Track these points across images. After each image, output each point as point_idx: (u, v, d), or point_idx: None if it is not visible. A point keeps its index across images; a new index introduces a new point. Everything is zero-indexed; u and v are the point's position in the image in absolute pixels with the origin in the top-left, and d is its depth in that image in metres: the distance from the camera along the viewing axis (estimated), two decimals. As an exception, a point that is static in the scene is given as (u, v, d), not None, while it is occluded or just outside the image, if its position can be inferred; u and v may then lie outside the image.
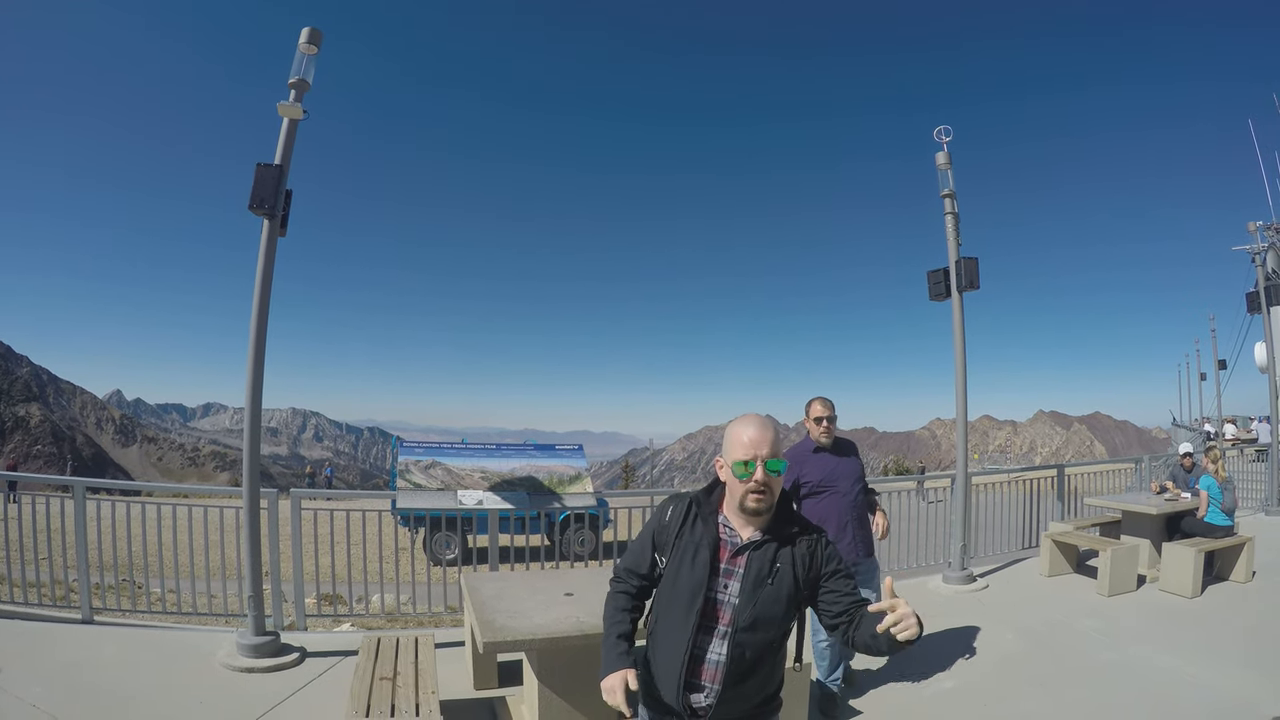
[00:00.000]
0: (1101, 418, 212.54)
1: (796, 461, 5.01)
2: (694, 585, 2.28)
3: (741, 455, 2.25)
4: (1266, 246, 15.38)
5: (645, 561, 2.46)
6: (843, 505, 4.97)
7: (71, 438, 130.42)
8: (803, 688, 4.49)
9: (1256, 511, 12.40)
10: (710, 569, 2.29)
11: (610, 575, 2.60)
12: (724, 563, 2.31)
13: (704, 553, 2.30)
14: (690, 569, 2.30)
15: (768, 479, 2.24)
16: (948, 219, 8.16)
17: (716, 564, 2.30)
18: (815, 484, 5.00)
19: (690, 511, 2.39)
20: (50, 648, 5.52)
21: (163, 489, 8.42)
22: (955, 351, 8.27)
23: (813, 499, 4.98)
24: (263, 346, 5.61)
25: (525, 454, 11.85)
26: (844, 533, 4.91)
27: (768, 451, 2.25)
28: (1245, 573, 8.03)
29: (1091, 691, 5.25)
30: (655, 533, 2.44)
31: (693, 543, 2.33)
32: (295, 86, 5.58)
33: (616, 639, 2.39)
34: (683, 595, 2.29)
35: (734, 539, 2.33)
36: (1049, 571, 8.53)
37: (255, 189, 5.40)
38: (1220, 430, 25.43)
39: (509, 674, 5.16)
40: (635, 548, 2.52)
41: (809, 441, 5.19)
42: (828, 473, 5.02)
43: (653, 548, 2.44)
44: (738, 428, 2.31)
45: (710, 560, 2.29)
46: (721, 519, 2.37)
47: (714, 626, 2.29)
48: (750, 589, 2.25)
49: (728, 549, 2.32)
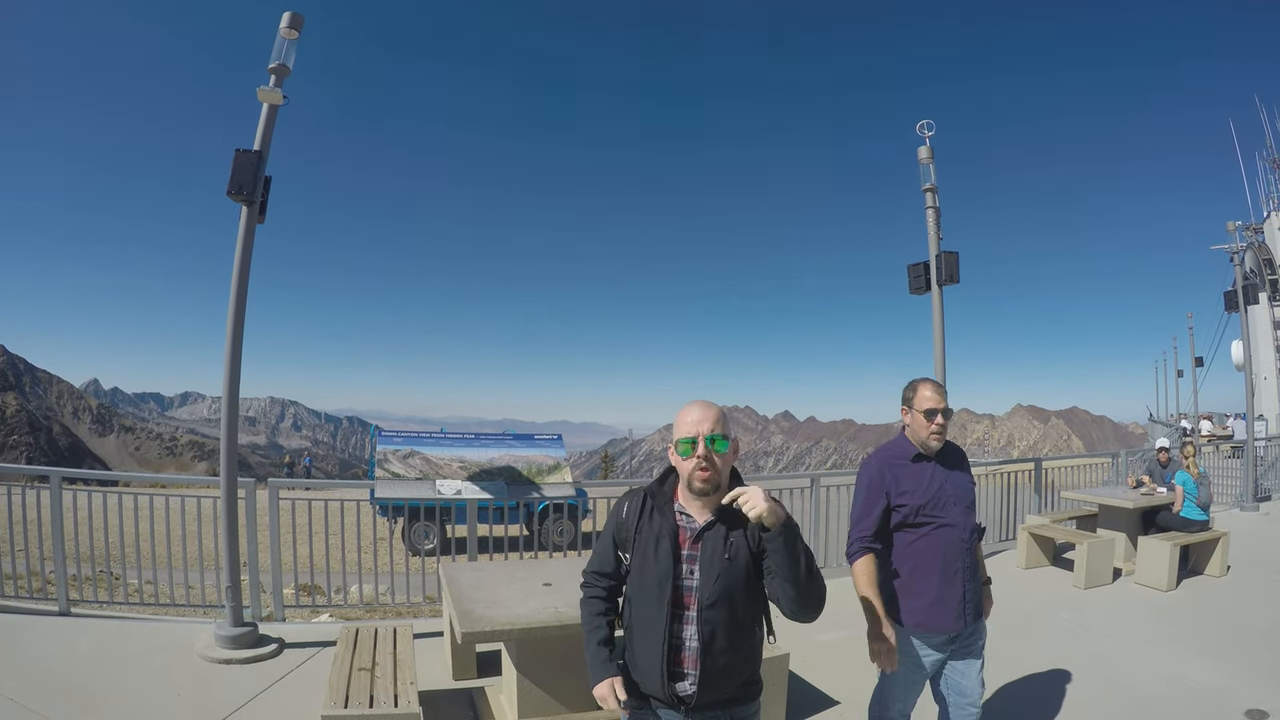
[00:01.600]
0: (1079, 412, 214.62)
1: (886, 471, 3.37)
2: (660, 576, 2.31)
3: (685, 434, 2.31)
4: (1245, 246, 15.58)
5: (609, 561, 2.51)
6: (953, 544, 3.30)
7: (48, 427, 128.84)
8: (781, 675, 4.52)
9: (1232, 507, 12.58)
10: (673, 558, 2.32)
11: (581, 580, 2.64)
12: (685, 549, 2.35)
13: (665, 542, 2.33)
14: (654, 561, 2.33)
15: (709, 453, 2.28)
16: (929, 213, 8.19)
17: (679, 552, 2.34)
18: (917, 509, 3.30)
19: (645, 504, 2.43)
20: (27, 640, 5.47)
21: (140, 479, 8.35)
22: (935, 345, 8.32)
23: (910, 532, 3.32)
24: (240, 335, 5.56)
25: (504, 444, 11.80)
26: (951, 585, 3.29)
27: (709, 428, 2.30)
28: (1220, 567, 8.14)
29: (1067, 683, 5.31)
30: (615, 531, 2.48)
31: (653, 534, 2.36)
32: (275, 72, 5.51)
33: (598, 646, 2.46)
34: (651, 587, 2.33)
35: (691, 525, 2.37)
36: (1026, 564, 8.62)
37: (234, 175, 5.33)
38: (1196, 427, 25.73)
39: (488, 664, 5.16)
40: (599, 549, 2.56)
41: (904, 443, 3.47)
42: (935, 492, 3.32)
43: (614, 545, 2.49)
44: (682, 411, 2.37)
45: (672, 549, 2.33)
46: (677, 507, 2.40)
47: (686, 613, 2.32)
48: (710, 568, 2.29)
49: (687, 535, 2.36)
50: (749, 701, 2.46)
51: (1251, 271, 15.57)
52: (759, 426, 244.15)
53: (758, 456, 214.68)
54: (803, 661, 5.25)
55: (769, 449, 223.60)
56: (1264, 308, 25.05)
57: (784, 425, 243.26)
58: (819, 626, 6.09)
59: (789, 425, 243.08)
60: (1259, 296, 13.75)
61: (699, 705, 2.34)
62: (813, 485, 8.32)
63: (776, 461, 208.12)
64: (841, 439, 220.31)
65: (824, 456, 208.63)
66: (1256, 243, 25.70)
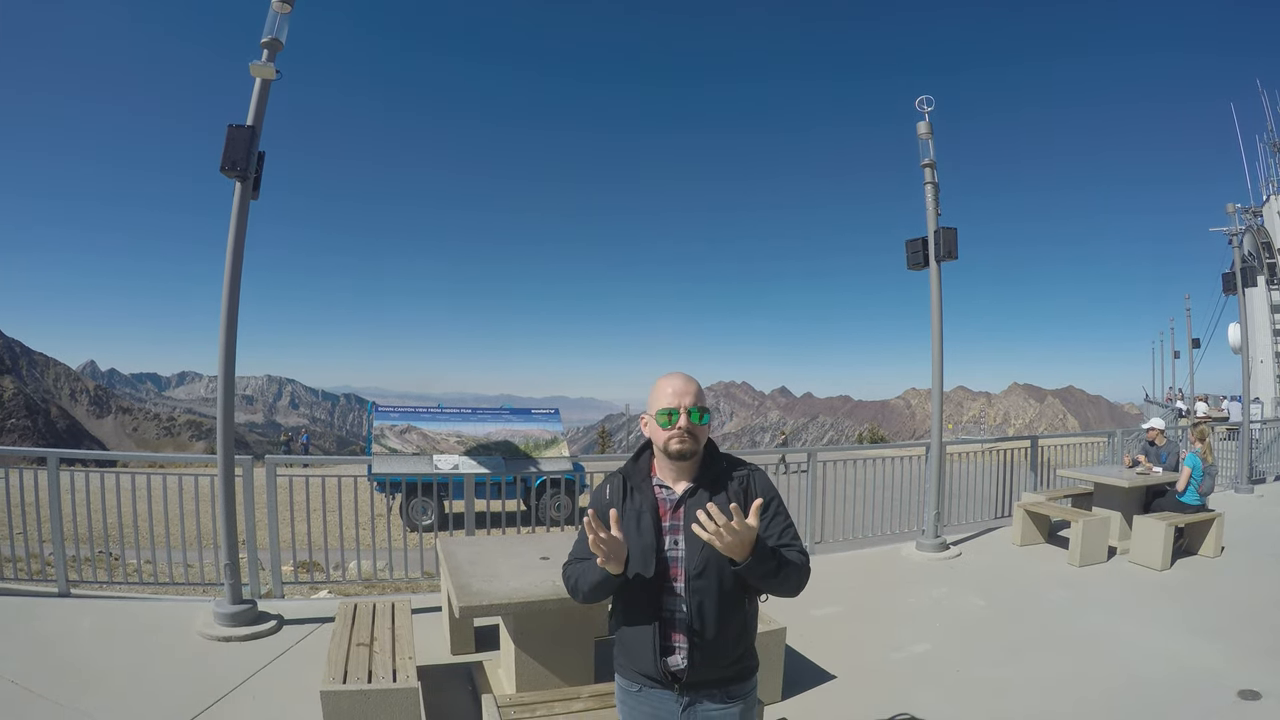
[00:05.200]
0: (1075, 392, 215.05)
1: None
2: (644, 549, 2.30)
3: (666, 404, 2.29)
4: (1244, 229, 15.53)
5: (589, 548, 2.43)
6: None
7: (45, 410, 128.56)
8: (778, 650, 4.55)
9: (1227, 489, 12.62)
10: (655, 530, 2.32)
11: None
12: (667, 520, 2.35)
13: (646, 517, 2.33)
14: (637, 535, 2.32)
15: (691, 426, 2.28)
16: (927, 189, 8.16)
17: (660, 524, 2.34)
18: None
19: (625, 484, 2.42)
20: (27, 622, 5.48)
21: (138, 459, 8.34)
22: (932, 321, 8.32)
23: None
24: (235, 311, 5.54)
25: (501, 418, 11.82)
26: None
27: (690, 400, 2.29)
28: (1214, 548, 8.17)
29: (1060, 659, 5.35)
30: (599, 513, 2.42)
31: (634, 511, 2.36)
32: (268, 46, 5.45)
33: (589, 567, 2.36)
34: (636, 562, 2.31)
35: (670, 496, 2.36)
36: (1021, 541, 8.66)
37: (227, 150, 5.29)
38: (1192, 408, 25.78)
39: (486, 638, 5.19)
40: (582, 533, 2.52)
41: None
42: None
43: None
44: (661, 381, 2.36)
45: (654, 522, 2.33)
46: (655, 481, 2.40)
47: (674, 585, 2.31)
48: (693, 535, 2.23)
49: (667, 506, 2.36)
50: (744, 679, 2.43)
51: (1250, 254, 15.53)
52: (755, 402, 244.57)
53: (754, 432, 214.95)
54: (799, 636, 5.28)
55: (765, 424, 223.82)
56: (1262, 291, 24.96)
57: (780, 401, 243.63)
58: (814, 601, 6.17)
59: (786, 401, 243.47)
60: (1257, 280, 13.71)
61: (692, 682, 2.31)
62: (809, 460, 8.32)
63: (773, 438, 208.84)
64: (838, 415, 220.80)
65: (820, 432, 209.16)
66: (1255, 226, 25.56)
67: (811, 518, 8.11)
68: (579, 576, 2.41)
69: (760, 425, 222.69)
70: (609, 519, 2.24)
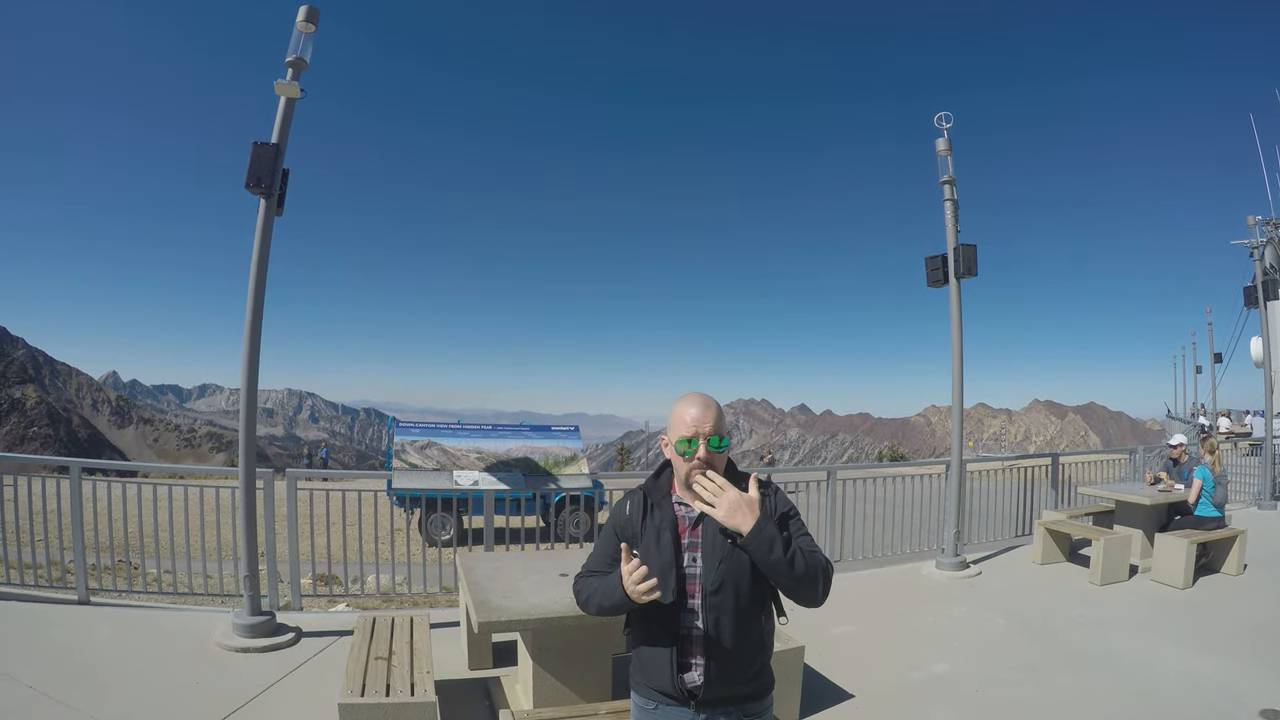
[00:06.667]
0: (1096, 408, 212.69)
1: None
2: (663, 565, 2.29)
3: (685, 433, 2.28)
4: (1265, 241, 15.36)
5: (606, 561, 2.45)
6: None
7: (68, 419, 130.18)
8: (795, 668, 4.52)
9: (1249, 505, 12.45)
10: (675, 547, 2.32)
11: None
12: (685, 538, 2.35)
13: (665, 534, 2.34)
14: (657, 552, 2.32)
15: (710, 456, 2.27)
16: (947, 205, 8.14)
17: (679, 541, 2.34)
18: None
19: (646, 501, 2.42)
20: (47, 629, 5.54)
21: (159, 469, 8.42)
22: (952, 338, 8.27)
23: None
24: (259, 327, 5.60)
25: (521, 435, 11.85)
26: None
27: (710, 429, 2.27)
28: (1237, 566, 8.06)
29: (1081, 679, 5.28)
30: (619, 528, 2.45)
31: (654, 528, 2.36)
32: (292, 65, 5.54)
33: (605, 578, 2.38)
34: (654, 578, 2.29)
35: (690, 514, 2.37)
36: (1042, 559, 8.58)
37: (252, 168, 5.38)
38: (1214, 424, 25.43)
39: (504, 654, 5.19)
40: (599, 546, 2.53)
41: None
42: None
43: (617, 539, 2.43)
44: (680, 406, 2.33)
45: (673, 539, 2.33)
46: (675, 498, 2.41)
47: (691, 602, 2.31)
48: (712, 554, 2.28)
49: (686, 524, 2.36)
50: (761, 697, 2.43)
51: (1271, 267, 15.32)
52: (775, 419, 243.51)
53: (774, 449, 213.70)
54: (817, 654, 5.24)
55: (785, 442, 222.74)
56: (1284, 303, 24.67)
57: (800, 418, 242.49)
58: (833, 619, 6.13)
59: (805, 418, 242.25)
60: (1278, 292, 13.50)
61: (708, 699, 2.31)
62: (829, 479, 8.29)
63: (793, 455, 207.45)
64: (858, 432, 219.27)
65: (840, 450, 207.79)
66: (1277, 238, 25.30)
67: (831, 536, 8.07)
68: (593, 592, 2.41)
69: (780, 443, 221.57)
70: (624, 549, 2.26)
